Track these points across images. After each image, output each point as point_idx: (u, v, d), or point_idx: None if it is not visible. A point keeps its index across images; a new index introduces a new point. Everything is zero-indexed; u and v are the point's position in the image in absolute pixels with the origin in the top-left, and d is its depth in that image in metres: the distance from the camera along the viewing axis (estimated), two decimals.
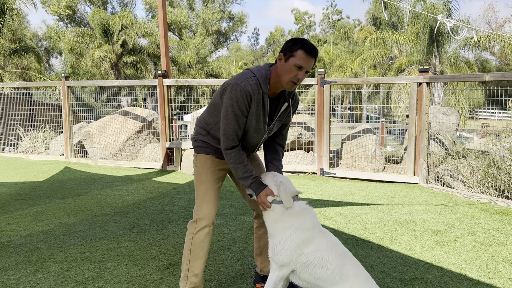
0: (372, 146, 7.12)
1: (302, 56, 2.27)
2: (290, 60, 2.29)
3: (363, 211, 4.91)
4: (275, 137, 2.65)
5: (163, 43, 7.43)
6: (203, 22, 49.02)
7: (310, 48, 2.29)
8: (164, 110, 7.53)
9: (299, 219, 2.32)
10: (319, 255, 2.25)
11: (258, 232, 2.80)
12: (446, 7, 22.49)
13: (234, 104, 2.28)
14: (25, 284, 2.93)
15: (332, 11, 50.42)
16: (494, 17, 48.83)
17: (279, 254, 2.28)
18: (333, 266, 2.23)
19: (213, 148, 2.54)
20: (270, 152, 2.64)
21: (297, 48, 2.28)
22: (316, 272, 2.25)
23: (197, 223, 2.51)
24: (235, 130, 2.34)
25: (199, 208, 2.52)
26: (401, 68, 25.30)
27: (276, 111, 2.50)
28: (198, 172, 2.57)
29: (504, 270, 3.22)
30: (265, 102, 2.37)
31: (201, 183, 2.54)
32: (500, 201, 5.22)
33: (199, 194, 2.54)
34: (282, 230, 2.30)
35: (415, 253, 3.57)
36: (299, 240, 2.27)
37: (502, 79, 5.51)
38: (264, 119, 2.43)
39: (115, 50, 28.51)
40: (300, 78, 2.31)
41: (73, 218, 4.58)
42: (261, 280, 2.88)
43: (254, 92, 2.29)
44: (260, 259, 2.84)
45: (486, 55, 35.72)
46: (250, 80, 2.30)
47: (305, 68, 2.30)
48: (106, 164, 8.22)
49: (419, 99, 6.24)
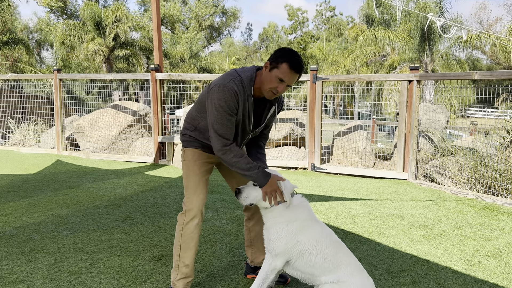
0: (363, 143, 7.21)
1: (285, 70, 2.29)
2: (273, 71, 2.32)
3: (352, 206, 4.99)
4: (258, 136, 2.71)
5: (156, 37, 7.44)
6: (196, 16, 48.83)
7: (295, 64, 2.29)
8: (157, 104, 7.54)
9: (296, 211, 2.40)
10: (314, 243, 2.33)
11: (248, 225, 2.86)
12: (439, 5, 22.65)
13: (223, 104, 2.31)
14: (19, 274, 2.96)
15: (326, 7, 50.50)
16: (486, 16, 49.21)
17: (274, 242, 2.35)
18: (327, 253, 2.32)
19: (200, 142, 2.59)
20: (253, 147, 2.71)
21: (282, 61, 2.29)
22: (311, 260, 2.32)
23: (186, 214, 2.57)
24: (227, 127, 2.37)
25: (188, 200, 2.57)
26: (393, 66, 25.47)
27: (263, 115, 2.55)
28: (186, 165, 2.62)
29: (488, 263, 3.32)
30: (249, 105, 2.41)
31: (189, 176, 2.59)
32: (486, 197, 5.33)
33: (188, 187, 2.59)
34: (280, 222, 2.37)
35: (402, 247, 3.66)
36: (295, 229, 2.35)
37: (490, 77, 5.61)
38: (249, 121, 2.47)
39: (107, 44, 28.33)
40: (279, 90, 2.33)
41: (65, 210, 4.60)
42: (252, 271, 2.94)
43: (240, 93, 2.33)
44: (251, 250, 2.90)
45: (477, 54, 36.08)
46: (235, 80, 2.34)
47: (287, 82, 2.32)
48: (97, 157, 8.22)
49: (409, 97, 6.33)
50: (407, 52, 24.64)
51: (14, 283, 2.82)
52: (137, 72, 29.39)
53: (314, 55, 40.34)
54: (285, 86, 2.33)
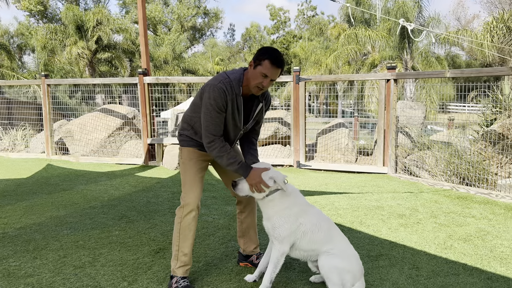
0: (345, 140, 7.54)
1: (267, 66, 2.58)
2: (257, 68, 2.61)
3: (336, 199, 5.30)
4: (250, 132, 2.98)
5: (143, 41, 7.64)
6: (178, 17, 48.84)
7: (276, 60, 2.58)
8: (145, 107, 7.75)
9: (293, 198, 2.70)
10: (314, 221, 2.67)
11: (241, 217, 3.14)
12: (417, 4, 23.20)
13: (213, 102, 2.60)
14: (27, 270, 3.17)
15: (307, 7, 50.99)
16: (463, 13, 50.37)
17: (279, 228, 2.63)
18: (325, 227, 2.68)
19: (196, 141, 2.85)
20: (246, 143, 2.98)
21: (264, 58, 2.58)
22: (313, 237, 2.65)
23: (184, 208, 2.82)
24: (216, 124, 2.65)
25: (186, 195, 2.83)
26: (374, 64, 25.97)
27: (251, 111, 2.82)
28: (183, 163, 2.89)
29: (458, 247, 3.64)
30: (238, 103, 2.69)
31: (186, 173, 2.85)
32: (461, 188, 5.69)
33: (185, 183, 2.85)
34: (280, 210, 2.66)
35: (381, 234, 3.97)
36: (296, 214, 2.66)
37: (461, 75, 5.98)
38: (239, 118, 2.75)
39: (89, 47, 28.24)
40: (264, 85, 2.62)
41: (63, 211, 4.80)
42: (244, 259, 3.21)
43: (228, 92, 2.61)
44: (243, 240, 3.18)
45: (456, 50, 36.94)
46: (225, 81, 2.62)
47: (270, 77, 2.60)
48: (87, 160, 8.38)
49: (387, 95, 6.67)
50: (388, 50, 25.15)
51: (24, 278, 3.04)
52: (120, 75, 29.38)
53: (297, 55, 40.79)
54: (269, 80, 2.61)
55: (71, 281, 2.98)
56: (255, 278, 2.93)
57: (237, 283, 2.93)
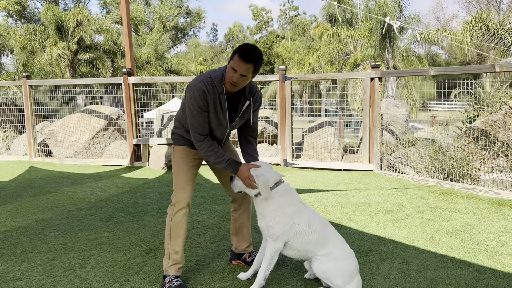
0: (331, 138, 7.60)
1: (236, 60, 2.54)
2: (230, 63, 2.60)
3: (324, 197, 5.34)
4: (245, 131, 2.95)
5: (127, 41, 7.57)
6: (160, 17, 48.50)
7: (244, 54, 2.52)
8: (130, 107, 7.68)
9: (286, 197, 2.70)
10: (308, 222, 2.66)
11: (235, 215, 3.14)
12: (398, 3, 23.53)
13: (193, 102, 2.59)
14: (15, 273, 3.11)
15: (289, 7, 51.19)
16: (443, 13, 51.28)
17: (273, 227, 2.63)
18: (319, 229, 2.67)
19: (187, 140, 2.85)
20: (244, 142, 2.95)
21: (235, 53, 2.57)
22: (306, 238, 2.65)
23: (175, 206, 2.82)
24: (199, 124, 2.64)
25: (177, 193, 2.83)
26: (356, 63, 26.22)
27: (238, 109, 2.79)
28: (175, 161, 2.89)
29: (446, 240, 3.71)
30: (222, 101, 2.66)
31: (178, 171, 2.85)
32: (445, 183, 5.80)
33: (176, 181, 2.85)
34: (274, 209, 2.66)
35: (370, 230, 4.02)
36: (290, 213, 2.65)
37: (444, 73, 6.09)
38: (224, 116, 2.72)
39: (70, 47, 27.84)
40: (234, 79, 2.56)
41: (49, 213, 4.72)
42: (236, 258, 3.21)
43: (209, 91, 2.59)
44: (236, 238, 3.18)
45: (436, 49, 37.59)
46: (205, 81, 2.60)
47: (239, 71, 2.52)
48: (72, 162, 8.26)
49: (372, 93, 6.75)
50: (369, 49, 25.41)
51: (12, 281, 2.98)
52: (102, 75, 29.02)
53: (280, 54, 40.91)
54: (238, 75, 2.55)
55: (61, 283, 2.94)
56: (249, 276, 2.93)
57: (231, 281, 2.93)
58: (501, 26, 13.83)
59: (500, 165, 5.47)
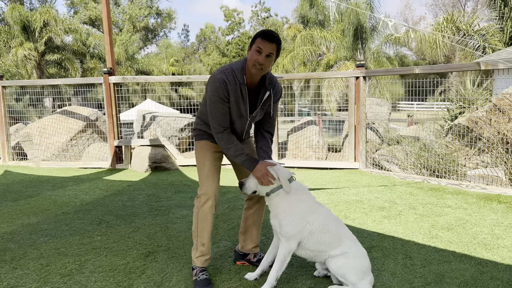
0: (316, 137, 7.62)
1: (259, 41, 2.57)
2: (252, 47, 2.61)
3: (315, 195, 5.26)
4: (263, 125, 2.90)
5: (107, 40, 7.36)
6: (130, 18, 47.70)
7: (266, 34, 2.58)
8: (111, 108, 7.47)
9: (299, 195, 2.65)
10: (322, 221, 2.62)
11: (247, 213, 3.09)
12: (369, 5, 23.96)
13: (214, 92, 2.59)
14: (9, 281, 2.95)
15: (261, 8, 51.33)
16: (411, 15, 52.65)
17: (286, 226, 2.58)
18: (333, 230, 2.63)
19: (209, 134, 2.84)
20: (260, 139, 2.89)
21: (256, 37, 2.60)
22: (320, 238, 2.60)
23: (201, 198, 2.79)
24: (220, 115, 2.63)
25: (202, 186, 2.80)
26: (329, 64, 26.53)
27: (258, 100, 2.76)
28: (198, 156, 2.88)
29: (444, 235, 3.77)
30: (242, 92, 2.65)
31: (201, 164, 2.84)
32: (432, 180, 5.91)
33: (201, 174, 2.83)
34: (287, 207, 2.61)
35: (368, 227, 4.04)
36: (303, 211, 2.60)
37: (431, 71, 6.21)
38: (245, 107, 2.70)
39: (37, 48, 26.98)
40: (260, 61, 2.56)
41: (34, 218, 4.52)
42: (241, 258, 3.15)
43: (230, 82, 2.58)
44: (243, 237, 3.12)
45: (404, 50, 38.51)
46: (226, 72, 2.60)
47: (264, 51, 2.55)
48: (49, 165, 7.97)
49: (357, 92, 6.82)
50: (342, 50, 25.77)
51: None
52: (71, 77, 28.24)
53: None
54: (264, 56, 2.55)
55: None
56: (257, 276, 2.87)
57: (238, 282, 2.87)
58: (471, 28, 14.28)
59: (484, 161, 5.62)
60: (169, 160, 7.47)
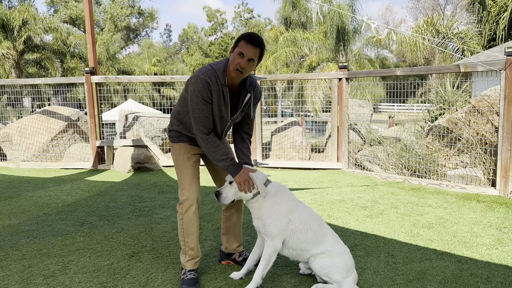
0: (299, 138, 7.68)
1: (243, 45, 2.54)
2: (235, 50, 2.58)
3: (298, 195, 5.38)
4: (242, 127, 2.90)
5: (90, 39, 7.28)
6: (111, 17, 47.18)
7: (250, 38, 2.55)
8: (93, 107, 7.39)
9: (280, 194, 2.68)
10: (303, 219, 2.65)
11: (226, 214, 3.09)
12: (351, 8, 24.23)
13: (198, 94, 2.54)
14: None
15: (244, 9, 51.37)
16: (392, 17, 53.40)
17: (270, 226, 2.59)
18: (314, 227, 2.65)
19: (186, 136, 2.79)
20: (239, 141, 2.90)
21: (240, 39, 2.58)
22: (302, 236, 2.63)
23: (183, 204, 2.75)
24: (204, 117, 2.59)
25: (183, 191, 2.76)
26: (311, 66, 26.72)
27: (239, 102, 2.76)
28: (176, 159, 2.81)
29: (424, 234, 3.85)
30: (224, 93, 2.63)
31: (180, 168, 2.78)
32: (412, 180, 6.02)
33: (181, 178, 2.78)
34: (269, 208, 2.63)
35: (351, 226, 4.09)
36: (285, 210, 2.62)
37: (411, 73, 6.33)
38: (226, 109, 2.68)
39: (15, 47, 26.44)
40: (242, 65, 2.54)
41: (15, 219, 4.45)
42: (226, 257, 3.17)
43: (213, 83, 2.55)
44: (226, 238, 3.13)
45: (385, 52, 39.07)
46: (208, 73, 2.56)
47: (246, 55, 2.52)
48: (29, 166, 7.83)
49: (340, 93, 6.90)
50: (324, 52, 25.98)
51: None
52: (51, 76, 27.78)
53: None
54: (246, 60, 2.53)
55: None
56: (242, 276, 2.89)
57: (224, 281, 2.88)
58: (450, 31, 14.58)
59: (464, 161, 5.75)
60: (152, 161, 7.43)
